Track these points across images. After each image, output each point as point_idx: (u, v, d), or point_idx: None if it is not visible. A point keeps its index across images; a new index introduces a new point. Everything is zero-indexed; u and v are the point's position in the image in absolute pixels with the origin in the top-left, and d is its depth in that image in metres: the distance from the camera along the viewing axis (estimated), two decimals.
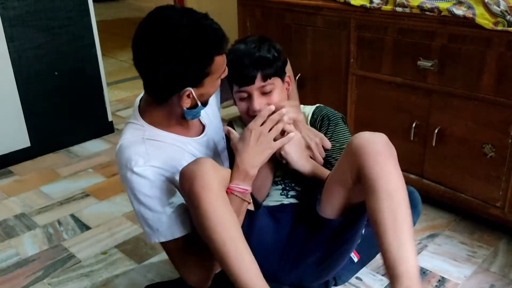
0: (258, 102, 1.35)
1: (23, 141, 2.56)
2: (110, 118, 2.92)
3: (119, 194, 2.25)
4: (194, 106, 1.23)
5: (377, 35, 1.93)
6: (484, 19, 1.59)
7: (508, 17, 1.54)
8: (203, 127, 1.40)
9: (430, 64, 1.77)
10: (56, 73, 2.60)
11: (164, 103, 1.24)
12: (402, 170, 2.01)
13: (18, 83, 2.47)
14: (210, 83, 1.21)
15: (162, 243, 1.29)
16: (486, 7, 1.59)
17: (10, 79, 2.43)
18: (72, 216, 2.10)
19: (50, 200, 2.23)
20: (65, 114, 2.70)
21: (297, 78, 2.20)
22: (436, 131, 1.84)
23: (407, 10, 1.78)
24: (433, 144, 1.86)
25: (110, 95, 3.16)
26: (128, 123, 1.31)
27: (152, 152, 1.22)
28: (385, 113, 2.00)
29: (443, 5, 1.69)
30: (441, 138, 1.85)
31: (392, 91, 1.95)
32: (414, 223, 1.43)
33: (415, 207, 1.47)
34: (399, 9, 1.81)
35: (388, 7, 1.84)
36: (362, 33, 1.97)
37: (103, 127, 2.90)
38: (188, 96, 1.19)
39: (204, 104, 1.26)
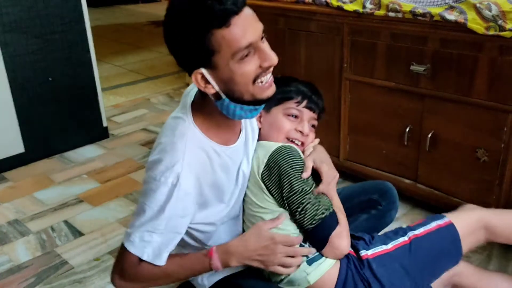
0: (308, 128, 1.36)
1: (17, 146, 2.56)
2: (105, 124, 2.91)
3: (113, 200, 2.24)
4: (218, 96, 1.13)
5: (370, 40, 1.93)
6: (476, 24, 1.60)
7: (500, 21, 1.55)
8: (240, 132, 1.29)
9: (423, 68, 1.78)
10: (50, 78, 2.60)
11: (202, 95, 1.18)
12: (396, 174, 2.04)
13: (13, 88, 2.46)
14: (225, 65, 1.08)
15: (123, 245, 1.16)
16: (478, 12, 1.59)
17: (4, 85, 2.43)
18: (66, 222, 2.09)
19: (43, 206, 2.22)
20: (59, 120, 2.70)
21: None
22: (429, 135, 1.84)
23: (400, 15, 1.79)
24: (427, 149, 1.86)
25: (105, 101, 3.15)
26: (178, 118, 1.20)
27: (190, 161, 1.14)
28: (378, 117, 2.01)
29: (435, 10, 1.69)
30: (435, 143, 1.85)
31: (385, 96, 1.96)
32: (393, 218, 1.52)
33: (393, 202, 1.49)
34: (391, 14, 1.81)
35: (381, 12, 1.84)
36: (355, 38, 1.98)
37: (97, 133, 2.89)
38: (203, 78, 1.10)
39: (233, 98, 1.12)
